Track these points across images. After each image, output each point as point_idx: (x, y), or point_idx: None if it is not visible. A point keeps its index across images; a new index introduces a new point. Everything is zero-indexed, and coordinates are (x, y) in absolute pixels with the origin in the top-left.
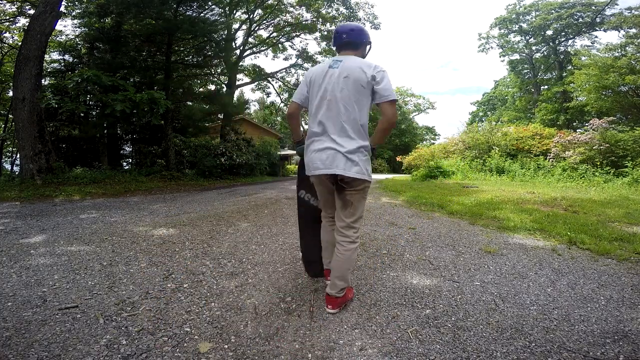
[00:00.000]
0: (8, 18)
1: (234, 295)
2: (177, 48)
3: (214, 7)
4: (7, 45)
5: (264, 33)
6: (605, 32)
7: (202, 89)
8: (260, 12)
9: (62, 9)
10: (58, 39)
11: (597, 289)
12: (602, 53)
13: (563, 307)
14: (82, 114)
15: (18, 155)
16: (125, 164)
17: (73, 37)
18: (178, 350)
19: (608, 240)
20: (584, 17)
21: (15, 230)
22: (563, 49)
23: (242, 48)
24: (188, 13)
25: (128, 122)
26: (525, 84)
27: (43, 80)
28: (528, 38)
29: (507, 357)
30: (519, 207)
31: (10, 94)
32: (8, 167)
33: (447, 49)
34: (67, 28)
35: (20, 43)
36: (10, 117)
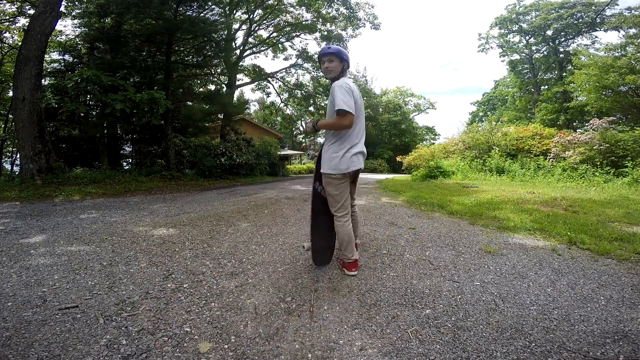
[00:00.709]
0: (8, 18)
1: (234, 295)
2: (177, 48)
3: (214, 7)
4: (7, 45)
5: (264, 33)
6: (606, 32)
7: (202, 89)
8: (260, 12)
9: (62, 9)
10: (58, 39)
11: (597, 289)
12: (602, 53)
13: (563, 307)
14: (82, 114)
15: (18, 155)
16: (125, 164)
17: (73, 37)
18: (178, 350)
19: (608, 240)
20: (584, 17)
21: (15, 230)
22: (563, 49)
23: (242, 48)
24: (188, 13)
25: (128, 122)
26: (525, 84)
27: (43, 80)
28: (528, 38)
29: (507, 357)
30: (519, 207)
31: (10, 94)
32: (8, 167)
33: (447, 49)
34: (67, 28)
35: (20, 43)
36: (10, 117)
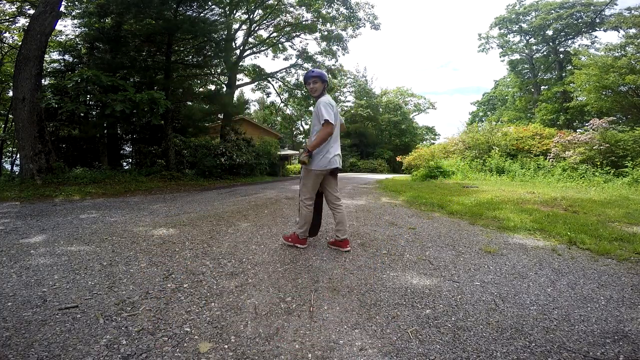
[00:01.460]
0: (8, 18)
1: (234, 295)
2: (177, 48)
3: (214, 7)
4: (7, 45)
5: (264, 33)
6: (605, 32)
7: (202, 89)
8: (261, 12)
9: (62, 9)
10: (58, 39)
11: (597, 289)
12: (602, 53)
13: (563, 307)
14: (82, 114)
15: (18, 155)
16: (125, 164)
17: (73, 37)
18: (178, 350)
19: (608, 240)
20: (584, 17)
21: (15, 230)
22: (563, 49)
23: (242, 48)
24: (188, 13)
25: (128, 122)
26: (525, 84)
27: (43, 80)
28: (528, 38)
29: (507, 357)
30: (519, 207)
31: (10, 94)
32: (8, 167)
33: (447, 49)
34: (67, 28)
35: (20, 43)
36: (10, 117)
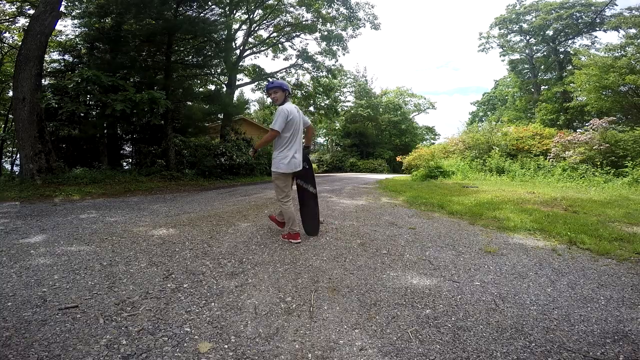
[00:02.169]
0: (8, 18)
1: (234, 295)
2: (177, 48)
3: (214, 7)
4: (7, 45)
5: (264, 33)
6: (606, 32)
7: (202, 89)
8: (261, 12)
9: (62, 9)
10: (58, 39)
11: (597, 289)
12: (602, 53)
13: (563, 307)
14: (82, 114)
15: (18, 155)
16: (125, 164)
17: (73, 37)
18: (178, 350)
19: (608, 240)
20: (584, 17)
21: (15, 230)
22: (563, 49)
23: (242, 48)
24: (188, 13)
25: (128, 122)
26: (526, 84)
27: (43, 80)
28: (528, 38)
29: (507, 357)
30: (519, 207)
31: (10, 94)
32: (8, 167)
33: (446, 49)
34: (67, 28)
35: (20, 43)
36: (10, 117)
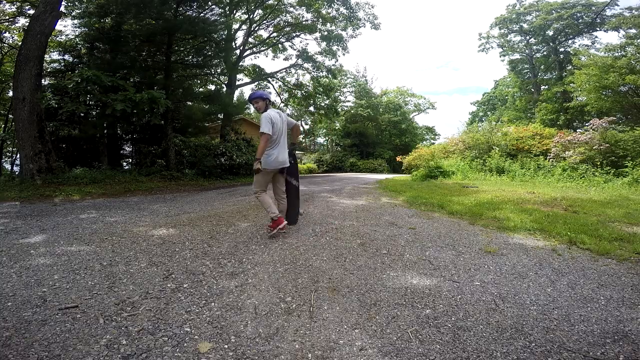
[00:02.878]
0: (8, 18)
1: (234, 295)
2: (177, 48)
3: (214, 7)
4: (7, 45)
5: (264, 33)
6: (606, 32)
7: (202, 89)
8: (261, 12)
9: (62, 9)
10: (58, 39)
11: (597, 289)
12: (602, 53)
13: (563, 307)
14: (82, 114)
15: (18, 155)
16: (125, 164)
17: (73, 37)
18: (178, 350)
19: (608, 240)
20: (585, 17)
21: (15, 230)
22: (563, 49)
23: (242, 48)
24: (188, 13)
25: (128, 122)
26: (526, 84)
27: (43, 80)
28: (528, 38)
29: (507, 357)
30: (519, 207)
31: (10, 94)
32: (8, 167)
33: (446, 49)
34: (67, 28)
35: (20, 43)
36: (10, 117)
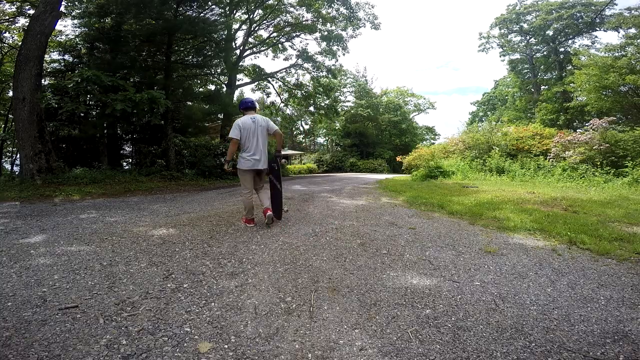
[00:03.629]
0: (8, 18)
1: (234, 295)
2: (177, 48)
3: (214, 7)
4: (7, 45)
5: (264, 33)
6: (606, 32)
7: (202, 89)
8: (261, 12)
9: (62, 9)
10: (58, 39)
11: (597, 289)
12: (602, 53)
13: (563, 307)
14: (82, 114)
15: (18, 155)
16: (125, 164)
17: (73, 37)
18: (178, 350)
19: (608, 240)
20: (584, 17)
21: (15, 230)
22: (563, 49)
23: (242, 48)
24: (188, 13)
25: (128, 122)
26: (526, 84)
27: (43, 80)
28: (528, 38)
29: (507, 357)
30: (519, 207)
31: (10, 94)
32: (8, 167)
33: (446, 49)
34: (67, 28)
35: (20, 43)
36: (10, 117)
